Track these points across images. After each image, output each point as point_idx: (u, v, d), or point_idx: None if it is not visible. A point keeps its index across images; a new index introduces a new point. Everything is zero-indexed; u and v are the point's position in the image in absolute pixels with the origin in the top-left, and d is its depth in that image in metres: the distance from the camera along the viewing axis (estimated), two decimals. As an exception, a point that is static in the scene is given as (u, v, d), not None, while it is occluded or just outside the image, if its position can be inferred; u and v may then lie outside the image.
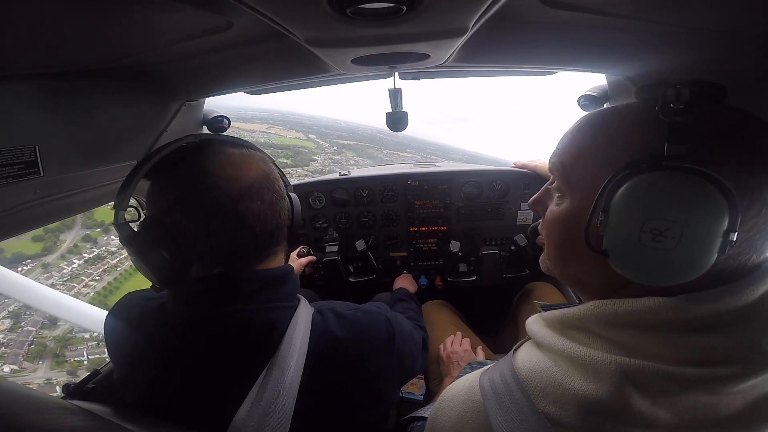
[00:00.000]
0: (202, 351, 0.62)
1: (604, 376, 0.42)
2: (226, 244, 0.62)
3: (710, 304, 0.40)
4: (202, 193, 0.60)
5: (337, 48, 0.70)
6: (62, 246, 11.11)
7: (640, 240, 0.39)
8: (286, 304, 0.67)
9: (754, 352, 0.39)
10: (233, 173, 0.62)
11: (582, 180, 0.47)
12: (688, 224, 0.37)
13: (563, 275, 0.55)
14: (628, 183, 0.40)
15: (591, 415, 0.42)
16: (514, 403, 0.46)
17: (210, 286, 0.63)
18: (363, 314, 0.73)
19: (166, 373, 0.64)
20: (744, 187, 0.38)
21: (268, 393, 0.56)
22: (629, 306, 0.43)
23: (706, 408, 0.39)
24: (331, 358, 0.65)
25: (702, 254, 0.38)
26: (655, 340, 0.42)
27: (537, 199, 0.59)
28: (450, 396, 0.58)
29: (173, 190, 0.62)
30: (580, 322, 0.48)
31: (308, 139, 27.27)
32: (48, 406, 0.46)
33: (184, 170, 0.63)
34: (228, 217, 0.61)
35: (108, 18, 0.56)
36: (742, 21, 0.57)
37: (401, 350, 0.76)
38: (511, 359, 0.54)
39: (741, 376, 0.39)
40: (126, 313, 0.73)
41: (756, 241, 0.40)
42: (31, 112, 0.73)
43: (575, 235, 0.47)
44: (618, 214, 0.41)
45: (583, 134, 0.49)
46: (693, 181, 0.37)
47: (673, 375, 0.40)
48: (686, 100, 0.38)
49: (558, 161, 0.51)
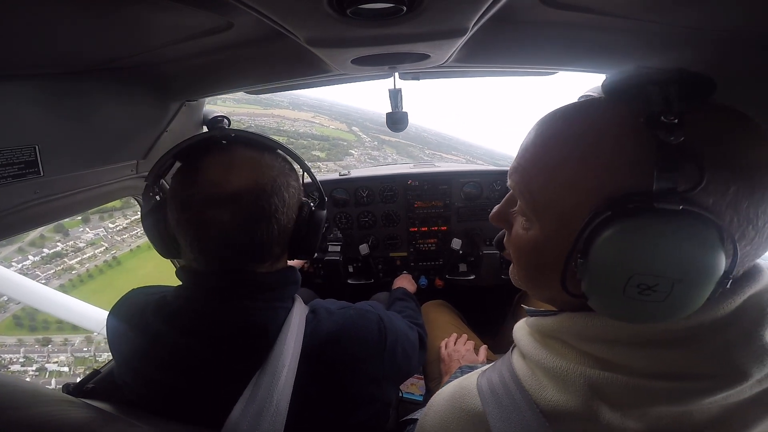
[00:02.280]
0: (197, 347, 0.62)
1: (572, 388, 0.42)
2: (195, 242, 0.62)
3: (685, 320, 0.37)
4: (185, 187, 0.62)
5: (337, 48, 0.70)
6: (28, 235, 9.95)
7: (624, 293, 0.34)
8: (280, 304, 0.67)
9: (722, 367, 0.37)
10: (217, 177, 0.61)
11: (552, 206, 0.41)
12: (681, 279, 0.33)
13: (534, 294, 0.51)
14: (612, 229, 0.34)
15: (561, 423, 0.42)
16: (513, 403, 0.46)
17: (205, 282, 0.64)
18: (355, 312, 0.73)
19: (163, 369, 0.64)
20: (740, 217, 0.33)
21: (262, 392, 0.56)
22: (601, 320, 0.41)
23: (680, 416, 0.38)
24: (324, 357, 0.65)
25: (693, 303, 0.35)
26: (624, 353, 0.40)
27: (499, 215, 0.52)
28: (437, 401, 0.58)
29: (174, 177, 0.65)
30: (554, 332, 0.47)
31: (350, 131, 26.95)
32: (52, 399, 0.47)
33: (188, 161, 0.66)
34: (194, 218, 0.61)
35: (108, 18, 0.56)
36: (743, 21, 0.57)
37: (393, 349, 0.75)
38: (510, 359, 0.54)
39: (709, 390, 0.37)
40: (127, 309, 0.73)
41: (743, 263, 0.38)
42: (31, 112, 0.73)
43: (546, 264, 0.43)
44: (599, 263, 0.35)
45: (550, 148, 0.41)
46: (689, 229, 0.32)
47: (641, 388, 0.38)
48: (676, 107, 0.32)
49: (521, 181, 0.43)
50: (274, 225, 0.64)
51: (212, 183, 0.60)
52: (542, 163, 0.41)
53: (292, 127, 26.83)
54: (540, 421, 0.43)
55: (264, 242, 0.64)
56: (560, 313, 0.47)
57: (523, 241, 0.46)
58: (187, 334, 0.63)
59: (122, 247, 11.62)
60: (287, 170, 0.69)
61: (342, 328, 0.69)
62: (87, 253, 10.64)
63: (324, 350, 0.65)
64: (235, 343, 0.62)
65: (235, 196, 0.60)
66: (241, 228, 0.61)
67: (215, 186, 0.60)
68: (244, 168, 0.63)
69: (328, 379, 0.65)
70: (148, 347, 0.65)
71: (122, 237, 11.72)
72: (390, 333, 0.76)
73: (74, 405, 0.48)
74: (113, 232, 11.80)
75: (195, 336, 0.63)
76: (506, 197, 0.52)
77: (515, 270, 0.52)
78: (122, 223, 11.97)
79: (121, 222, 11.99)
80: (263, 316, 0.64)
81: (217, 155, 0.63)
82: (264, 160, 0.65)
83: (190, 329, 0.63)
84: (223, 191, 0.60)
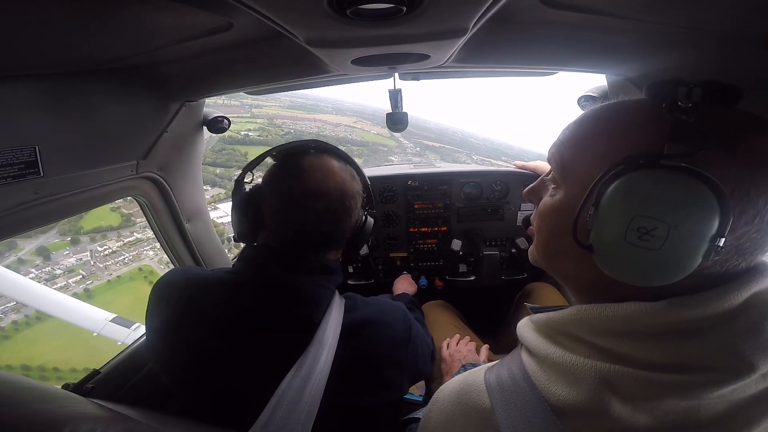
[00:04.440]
0: (255, 309, 0.70)
1: (583, 381, 0.42)
2: (291, 226, 0.75)
3: (692, 309, 0.39)
4: (286, 179, 0.76)
5: (337, 48, 0.70)
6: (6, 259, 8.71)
7: (626, 238, 0.38)
8: (330, 286, 0.78)
9: (733, 359, 0.38)
10: (318, 176, 0.76)
11: (578, 173, 0.46)
12: (676, 225, 0.36)
13: (551, 268, 0.54)
14: (622, 178, 0.39)
15: (571, 419, 0.42)
16: (523, 400, 0.46)
17: (276, 255, 0.75)
18: (385, 303, 0.86)
19: (221, 336, 0.69)
20: (740, 192, 0.37)
21: (308, 363, 0.63)
22: (612, 311, 0.43)
23: (687, 412, 0.39)
24: (358, 334, 0.73)
25: (686, 258, 0.37)
26: (636, 345, 0.41)
27: (532, 189, 0.58)
28: (441, 397, 0.58)
29: (275, 172, 0.80)
30: (564, 326, 0.48)
31: (391, 137, 26.64)
32: (56, 396, 0.47)
33: (289, 160, 0.79)
34: (296, 205, 0.74)
35: (108, 18, 0.56)
36: (743, 22, 0.57)
37: (416, 342, 0.85)
38: (519, 356, 0.54)
39: (720, 383, 0.38)
40: (182, 277, 0.79)
41: (745, 249, 0.39)
42: (31, 112, 0.73)
43: (564, 228, 0.47)
44: (608, 209, 0.40)
45: (585, 126, 0.48)
46: (688, 182, 0.36)
47: (652, 380, 0.39)
48: (696, 99, 0.37)
49: (557, 151, 0.50)
50: (348, 222, 0.80)
51: (314, 180, 0.75)
52: (576, 138, 0.48)
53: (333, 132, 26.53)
54: (550, 419, 0.43)
55: (340, 233, 0.80)
56: (571, 306, 0.48)
57: (548, 207, 0.51)
58: (251, 300, 0.71)
59: (101, 276, 9.68)
60: (359, 181, 0.84)
61: (376, 312, 0.80)
62: (58, 282, 8.78)
63: (360, 328, 0.74)
64: (294, 311, 0.70)
65: (329, 193, 0.76)
66: (329, 218, 0.76)
67: (316, 182, 0.75)
68: (336, 173, 0.78)
69: (361, 355, 0.72)
70: (211, 315, 0.71)
71: (106, 264, 10.00)
72: (414, 327, 0.86)
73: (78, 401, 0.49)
74: (99, 257, 10.17)
75: (258, 302, 0.70)
76: (540, 178, 0.57)
77: (536, 243, 0.56)
78: (113, 246, 10.41)
79: (112, 245, 10.43)
80: (321, 293, 0.74)
81: (314, 159, 0.78)
82: (347, 170, 0.82)
83: (256, 296, 0.71)
84: (322, 187, 0.75)
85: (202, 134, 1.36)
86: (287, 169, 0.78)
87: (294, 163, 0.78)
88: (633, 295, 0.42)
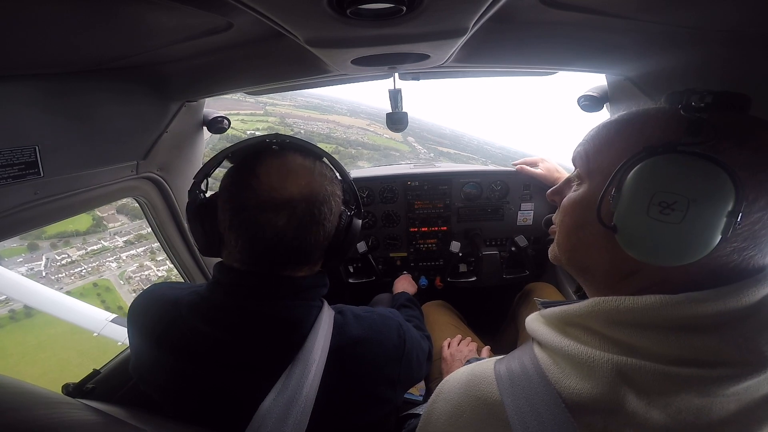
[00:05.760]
0: (233, 341, 0.64)
1: (598, 374, 0.42)
2: (246, 243, 0.64)
3: (711, 303, 0.40)
4: (242, 189, 0.64)
5: (337, 48, 0.70)
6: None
7: (648, 213, 0.41)
8: (313, 303, 0.70)
9: (750, 354, 0.39)
10: (275, 183, 0.63)
11: (601, 165, 0.49)
12: (695, 198, 0.39)
13: (571, 262, 0.55)
14: (643, 163, 0.42)
15: (584, 413, 0.42)
16: (535, 394, 0.46)
17: (247, 281, 0.66)
18: (378, 317, 0.78)
19: (197, 363, 0.65)
20: (753, 180, 0.39)
21: (293, 383, 0.59)
22: (631, 303, 0.43)
23: (699, 410, 0.39)
24: (349, 355, 0.68)
25: (707, 233, 0.39)
26: (654, 338, 0.42)
27: (556, 190, 0.60)
28: (447, 388, 0.58)
29: (226, 178, 0.67)
30: (580, 318, 0.48)
31: (404, 142, 25.99)
32: (54, 401, 0.47)
33: (241, 163, 0.67)
34: (248, 221, 0.62)
35: (108, 18, 0.56)
36: (743, 22, 0.57)
37: (410, 355, 0.80)
38: (531, 348, 0.54)
39: (735, 378, 0.39)
40: (155, 302, 0.74)
41: (760, 237, 0.40)
42: (31, 112, 0.73)
43: (588, 218, 0.49)
44: (630, 189, 0.43)
45: (609, 127, 0.51)
46: (703, 163, 0.39)
47: (669, 374, 0.40)
48: (709, 101, 0.41)
49: (582, 150, 0.53)
50: (321, 231, 0.67)
51: (270, 188, 0.62)
52: (600, 137, 0.52)
53: (344, 134, 25.75)
54: (563, 414, 0.42)
55: (312, 247, 0.67)
56: (588, 299, 0.48)
57: (572, 200, 0.53)
58: (224, 330, 0.65)
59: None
60: (335, 179, 0.72)
61: (368, 330, 0.73)
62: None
63: (350, 349, 0.69)
64: (272, 336, 0.65)
65: (291, 202, 0.63)
66: (294, 233, 0.64)
67: (273, 191, 0.62)
68: (300, 175, 0.65)
69: (352, 376, 0.68)
70: (183, 341, 0.66)
71: (58, 276, 8.52)
72: (408, 340, 0.80)
73: (77, 407, 0.48)
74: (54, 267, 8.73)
75: (232, 331, 0.64)
76: (565, 179, 0.59)
77: (558, 239, 0.57)
78: (73, 255, 8.92)
79: (72, 253, 8.97)
80: (299, 313, 0.67)
81: (273, 160, 0.65)
82: (316, 168, 0.68)
83: (228, 325, 0.65)
84: (280, 197, 0.62)
85: (202, 134, 1.36)
86: (240, 175, 0.65)
87: (248, 167, 0.65)
88: (651, 287, 0.43)
